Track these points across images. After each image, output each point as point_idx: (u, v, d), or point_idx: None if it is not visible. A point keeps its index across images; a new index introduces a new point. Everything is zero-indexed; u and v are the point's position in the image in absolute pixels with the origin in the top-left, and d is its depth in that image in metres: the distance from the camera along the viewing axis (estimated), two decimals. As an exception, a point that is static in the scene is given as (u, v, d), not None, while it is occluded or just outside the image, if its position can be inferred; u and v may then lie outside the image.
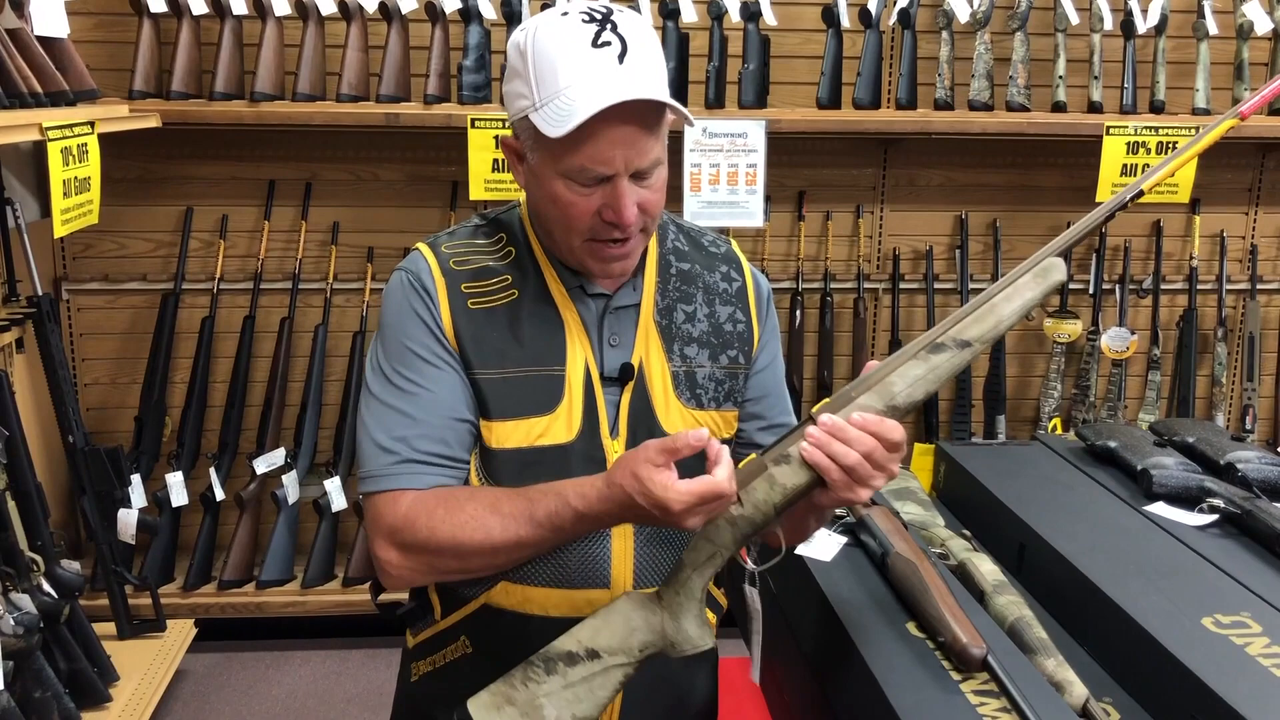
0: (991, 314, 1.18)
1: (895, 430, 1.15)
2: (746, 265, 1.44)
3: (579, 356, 1.30)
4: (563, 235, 1.27)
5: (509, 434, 1.28)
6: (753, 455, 1.23)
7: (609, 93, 1.15)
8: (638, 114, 1.18)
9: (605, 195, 1.21)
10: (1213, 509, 1.67)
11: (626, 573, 1.30)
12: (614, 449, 1.30)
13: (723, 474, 1.12)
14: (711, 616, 1.43)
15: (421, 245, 1.35)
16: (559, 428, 1.28)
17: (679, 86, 3.11)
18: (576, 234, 1.25)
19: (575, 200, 1.22)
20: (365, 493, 1.28)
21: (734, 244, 1.46)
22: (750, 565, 1.23)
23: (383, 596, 1.43)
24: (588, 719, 1.19)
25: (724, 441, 1.38)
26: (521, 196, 1.37)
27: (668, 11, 3.06)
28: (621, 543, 1.30)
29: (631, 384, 1.32)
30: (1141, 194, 1.22)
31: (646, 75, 1.18)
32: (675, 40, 3.08)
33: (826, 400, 1.19)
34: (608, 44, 1.17)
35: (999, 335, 1.19)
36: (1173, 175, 1.21)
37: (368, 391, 1.31)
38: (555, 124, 1.16)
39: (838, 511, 1.64)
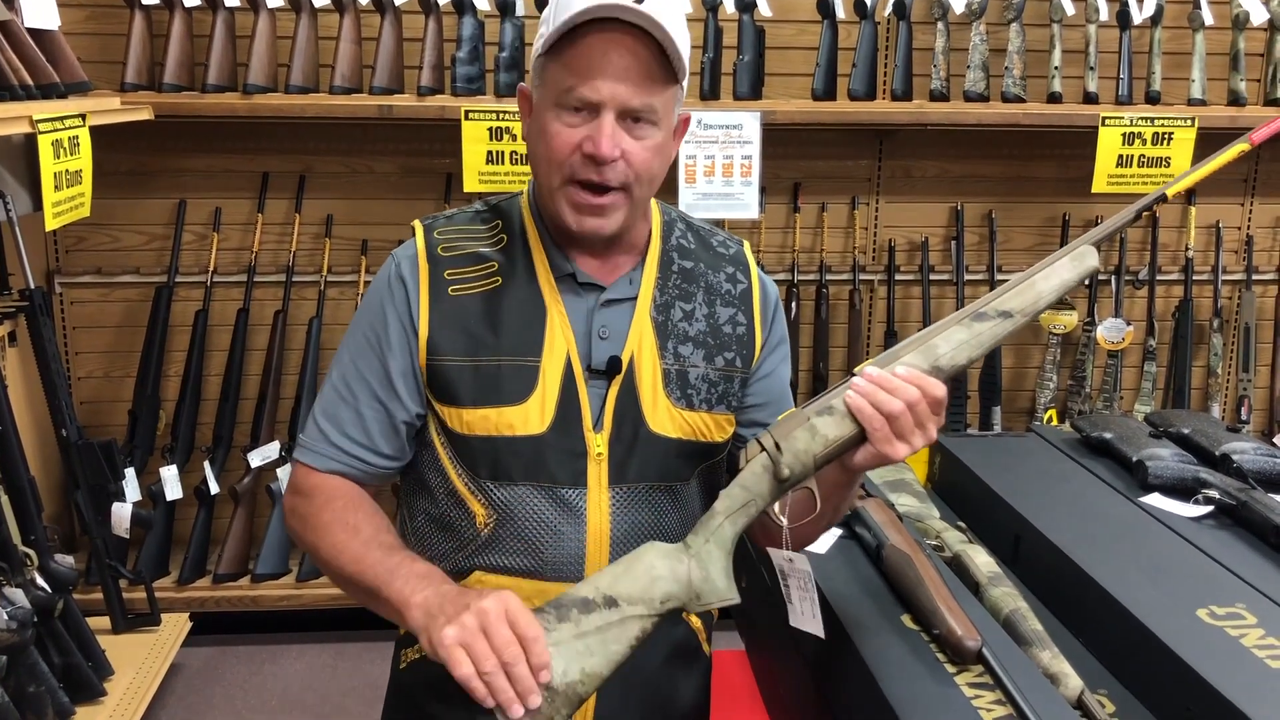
0: (1031, 289, 1.22)
1: (939, 387, 1.16)
2: (755, 269, 1.43)
3: (559, 348, 1.30)
4: (544, 174, 1.28)
5: (477, 422, 1.28)
6: (791, 410, 1.23)
7: (610, 6, 1.17)
8: (638, 53, 1.20)
9: (589, 129, 1.23)
10: (1208, 500, 1.66)
11: (601, 568, 1.28)
12: (596, 443, 1.29)
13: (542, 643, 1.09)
14: (697, 622, 1.42)
15: (418, 225, 1.38)
16: (530, 419, 1.28)
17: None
18: (555, 169, 1.25)
19: (559, 130, 1.24)
20: (294, 457, 1.37)
21: (746, 247, 1.45)
22: (781, 520, 1.21)
23: None
24: (597, 675, 1.13)
25: (720, 446, 1.38)
26: (518, 187, 1.39)
27: (662, 2, 3.04)
28: (596, 537, 1.30)
29: (619, 378, 1.31)
30: (1166, 199, 1.28)
31: (659, 9, 1.19)
32: (670, 31, 3.07)
33: (870, 360, 1.20)
34: None
35: (1038, 310, 1.22)
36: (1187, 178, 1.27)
37: (331, 366, 1.37)
38: (553, 31, 1.20)
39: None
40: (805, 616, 1.27)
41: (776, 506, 1.20)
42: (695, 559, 1.17)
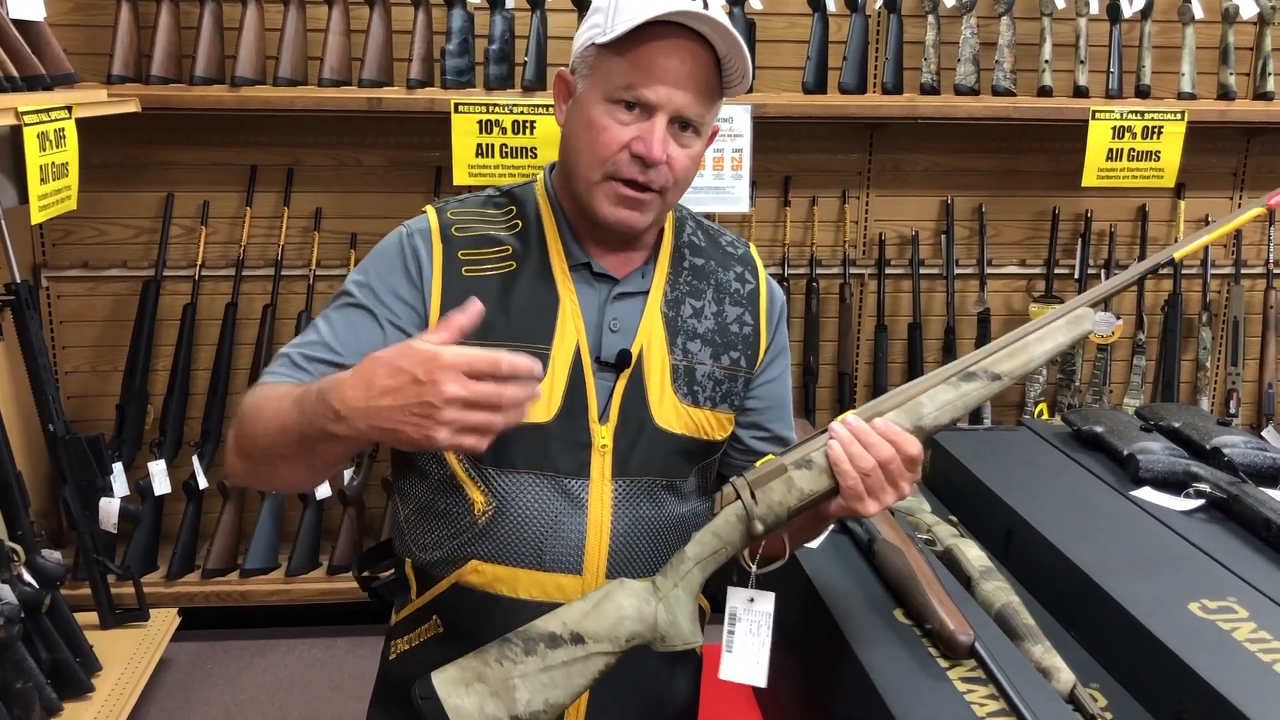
0: (1024, 351, 1.21)
1: (913, 445, 1.16)
2: (762, 271, 1.44)
3: (569, 337, 1.30)
4: (585, 166, 1.27)
5: None
6: (770, 456, 1.23)
7: (677, 8, 1.18)
8: (701, 61, 1.22)
9: (641, 129, 1.23)
10: (1199, 494, 1.67)
11: (600, 560, 1.29)
12: (601, 434, 1.29)
13: (505, 355, 1.04)
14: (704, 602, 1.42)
15: (429, 208, 1.36)
16: (536, 406, 1.27)
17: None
18: (598, 164, 1.25)
19: (609, 125, 1.24)
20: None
21: (753, 248, 1.47)
22: (751, 567, 1.22)
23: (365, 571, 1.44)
24: (559, 706, 1.17)
25: (718, 444, 1.38)
26: (508, 180, 1.38)
27: (653, -5, 3.03)
28: (597, 529, 1.30)
29: (628, 371, 1.31)
30: (1174, 261, 1.29)
31: (719, 16, 1.21)
32: (660, 24, 3.06)
33: (854, 410, 1.21)
34: None
35: (1028, 373, 1.22)
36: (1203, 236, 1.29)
37: (316, 320, 1.32)
38: (617, 30, 1.20)
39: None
40: (746, 664, 1.26)
41: (747, 552, 1.22)
42: (664, 602, 1.19)
